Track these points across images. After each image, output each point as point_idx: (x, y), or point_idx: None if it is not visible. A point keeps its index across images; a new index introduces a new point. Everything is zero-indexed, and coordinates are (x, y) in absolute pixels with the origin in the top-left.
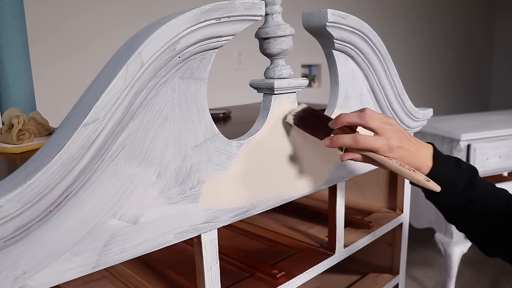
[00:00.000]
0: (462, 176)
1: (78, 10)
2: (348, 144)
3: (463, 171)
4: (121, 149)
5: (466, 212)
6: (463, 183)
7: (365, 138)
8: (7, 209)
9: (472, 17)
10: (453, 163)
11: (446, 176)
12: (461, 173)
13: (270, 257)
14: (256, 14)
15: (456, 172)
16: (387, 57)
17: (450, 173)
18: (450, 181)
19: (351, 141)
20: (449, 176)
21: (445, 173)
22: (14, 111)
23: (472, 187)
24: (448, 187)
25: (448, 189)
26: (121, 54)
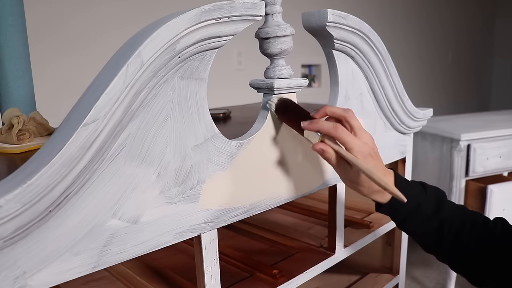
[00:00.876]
0: (429, 200)
1: (78, 10)
2: (326, 129)
3: (429, 195)
4: (121, 149)
5: (440, 238)
6: (431, 207)
7: (344, 130)
8: (7, 209)
9: (472, 17)
10: (418, 188)
11: (412, 201)
12: (427, 197)
13: (270, 257)
14: (256, 14)
15: (422, 196)
16: (387, 57)
17: (416, 198)
18: (417, 206)
19: (331, 127)
20: (415, 200)
21: (411, 198)
22: (14, 111)
23: (441, 211)
24: (416, 212)
25: (416, 215)
26: (121, 54)
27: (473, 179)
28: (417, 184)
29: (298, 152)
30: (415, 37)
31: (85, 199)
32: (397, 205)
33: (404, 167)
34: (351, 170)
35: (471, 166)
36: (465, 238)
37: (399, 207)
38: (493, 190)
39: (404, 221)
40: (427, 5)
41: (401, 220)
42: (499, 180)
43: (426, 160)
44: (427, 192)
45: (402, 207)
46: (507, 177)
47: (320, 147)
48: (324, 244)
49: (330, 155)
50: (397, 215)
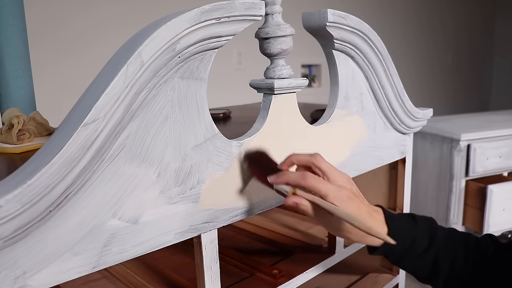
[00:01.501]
0: (422, 234)
1: (78, 10)
2: (294, 180)
3: (421, 228)
4: (121, 149)
5: (436, 270)
6: (425, 241)
7: (315, 177)
8: (7, 209)
9: (472, 17)
10: (409, 222)
11: (406, 238)
12: (420, 231)
13: (270, 257)
14: (256, 14)
15: (414, 230)
16: (387, 57)
17: (409, 233)
18: (411, 243)
19: (299, 177)
20: (409, 236)
21: (404, 235)
22: (14, 111)
23: (435, 242)
24: (410, 249)
25: (411, 252)
26: (121, 54)
27: (473, 179)
28: (407, 217)
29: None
30: (415, 37)
31: (85, 199)
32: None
33: (404, 167)
34: (332, 218)
35: (471, 166)
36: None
37: (394, 247)
38: (493, 190)
39: (400, 259)
40: (427, 5)
41: (396, 259)
42: (499, 180)
43: (426, 160)
44: (419, 224)
45: (396, 246)
46: (507, 177)
47: (292, 200)
48: (324, 244)
49: (305, 207)
50: (392, 255)
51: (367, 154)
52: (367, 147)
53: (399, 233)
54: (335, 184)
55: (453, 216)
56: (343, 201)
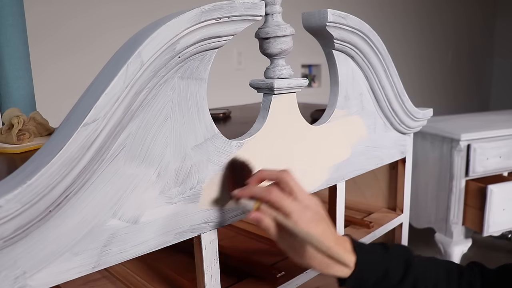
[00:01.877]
0: (396, 263)
1: (78, 10)
2: (259, 193)
3: (395, 257)
4: (121, 149)
5: None
6: (400, 270)
7: (280, 193)
8: (7, 209)
9: (472, 17)
10: (380, 251)
11: (378, 267)
12: (393, 260)
13: (270, 257)
14: (256, 14)
15: (387, 260)
16: (387, 57)
17: (381, 263)
18: (384, 272)
19: (264, 191)
20: (381, 266)
21: (375, 265)
22: (14, 111)
23: (411, 271)
24: (384, 279)
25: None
26: (121, 54)
27: (473, 179)
28: (378, 246)
29: (298, 152)
30: (415, 37)
31: (85, 199)
32: (363, 275)
33: (404, 167)
34: (295, 241)
35: (471, 166)
36: None
37: (366, 276)
38: (493, 190)
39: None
40: (427, 5)
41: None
42: (499, 180)
43: (426, 160)
44: (391, 253)
45: (368, 276)
46: (507, 177)
47: (254, 215)
48: None
49: (268, 224)
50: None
51: (367, 154)
52: (367, 147)
53: (369, 262)
54: (301, 203)
55: (453, 216)
56: (307, 223)
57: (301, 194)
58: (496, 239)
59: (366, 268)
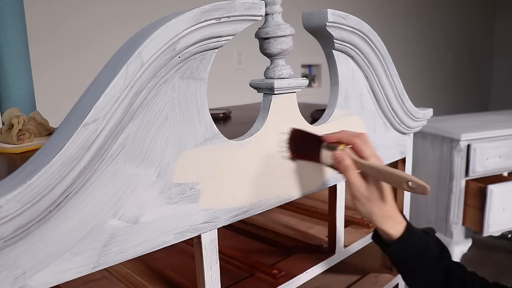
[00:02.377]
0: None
1: (78, 10)
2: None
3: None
4: (121, 149)
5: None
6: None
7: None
8: (7, 209)
9: (472, 17)
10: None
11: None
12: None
13: (270, 257)
14: (256, 14)
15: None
16: (387, 57)
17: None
18: (425, 247)
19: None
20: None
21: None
22: (14, 111)
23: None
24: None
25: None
26: (121, 54)
27: (473, 179)
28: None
29: None
30: (415, 37)
31: (85, 199)
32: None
33: (404, 167)
34: (366, 186)
35: (471, 166)
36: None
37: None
38: (493, 190)
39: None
40: (427, 5)
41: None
42: (499, 180)
43: (426, 160)
44: (430, 235)
45: (412, 244)
46: (507, 177)
47: (339, 154)
48: (324, 244)
49: (349, 163)
50: (407, 253)
51: None
52: None
53: (415, 233)
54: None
55: (453, 216)
56: None
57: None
58: (496, 239)
59: (413, 235)
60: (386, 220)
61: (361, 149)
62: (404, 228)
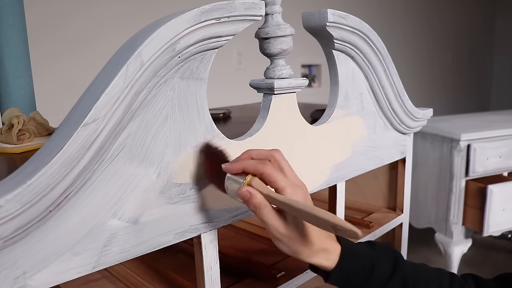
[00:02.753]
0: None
1: (78, 10)
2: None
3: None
4: (121, 149)
5: None
6: (388, 266)
7: (275, 167)
8: (7, 209)
9: (472, 17)
10: (365, 246)
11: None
12: (380, 255)
13: (270, 257)
14: (256, 14)
15: (373, 254)
16: (387, 57)
17: (368, 258)
18: (371, 267)
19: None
20: (368, 261)
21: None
22: (14, 111)
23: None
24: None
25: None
26: (121, 54)
27: (473, 179)
28: (364, 243)
29: (298, 152)
30: (415, 37)
31: (85, 199)
32: (349, 266)
33: (404, 167)
34: (285, 223)
35: (471, 166)
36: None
37: (352, 269)
38: (493, 190)
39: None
40: (427, 5)
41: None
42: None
43: (426, 160)
44: (377, 249)
45: (354, 270)
46: (507, 177)
47: (246, 189)
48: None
49: (260, 200)
50: (352, 282)
51: (367, 154)
52: (367, 147)
53: (355, 254)
54: (293, 181)
55: (453, 216)
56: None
57: (292, 173)
58: (496, 239)
59: (352, 260)
60: (316, 255)
61: (272, 179)
62: (339, 254)
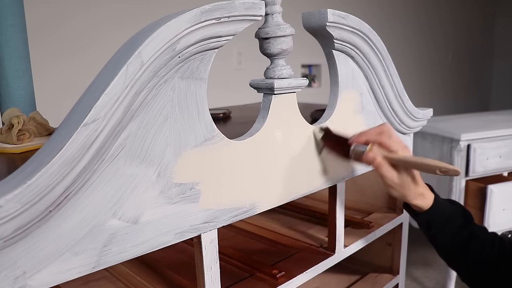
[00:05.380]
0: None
1: (78, 10)
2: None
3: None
4: (121, 149)
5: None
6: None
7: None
8: (7, 209)
9: (472, 17)
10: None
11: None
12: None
13: (270, 257)
14: (256, 14)
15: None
16: (387, 57)
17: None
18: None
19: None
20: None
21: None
22: (14, 111)
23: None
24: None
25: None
26: (121, 54)
27: (473, 179)
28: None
29: (298, 152)
30: (415, 37)
31: (85, 199)
32: (436, 211)
33: None
34: (399, 175)
35: (471, 166)
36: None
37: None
38: (493, 190)
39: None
40: (427, 5)
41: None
42: (499, 180)
43: None
44: (456, 206)
45: (439, 214)
46: (507, 177)
47: (370, 155)
48: (324, 244)
49: (380, 161)
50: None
51: None
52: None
53: (442, 204)
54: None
55: None
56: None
57: (398, 139)
58: None
59: (439, 208)
60: (417, 197)
61: (388, 145)
62: (432, 202)
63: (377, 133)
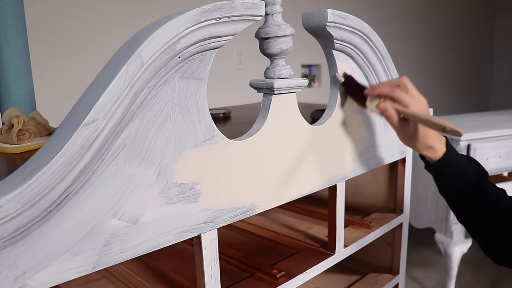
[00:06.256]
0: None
1: (79, 10)
2: (386, 91)
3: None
4: (121, 149)
5: (479, 203)
6: (474, 176)
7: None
8: (7, 209)
9: (472, 18)
10: (465, 157)
11: (459, 166)
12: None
13: (270, 257)
14: (256, 14)
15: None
16: (387, 57)
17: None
18: (462, 172)
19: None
20: (462, 166)
21: (457, 163)
22: (14, 111)
23: (482, 182)
24: (460, 177)
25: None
26: (121, 54)
27: None
28: (465, 156)
29: (298, 152)
30: (415, 38)
31: (85, 199)
32: (446, 164)
33: (404, 167)
34: (408, 127)
35: None
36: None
37: (447, 166)
38: None
39: (448, 183)
40: (427, 6)
41: (446, 181)
42: (499, 180)
43: None
44: (472, 162)
45: (449, 167)
46: (507, 177)
47: (382, 105)
48: (324, 244)
49: (391, 112)
50: (443, 175)
51: (367, 154)
52: (367, 147)
53: (454, 158)
54: (416, 99)
55: (453, 216)
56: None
57: (415, 93)
58: None
59: (450, 162)
60: (426, 149)
61: (399, 100)
62: (442, 155)
63: (392, 87)
